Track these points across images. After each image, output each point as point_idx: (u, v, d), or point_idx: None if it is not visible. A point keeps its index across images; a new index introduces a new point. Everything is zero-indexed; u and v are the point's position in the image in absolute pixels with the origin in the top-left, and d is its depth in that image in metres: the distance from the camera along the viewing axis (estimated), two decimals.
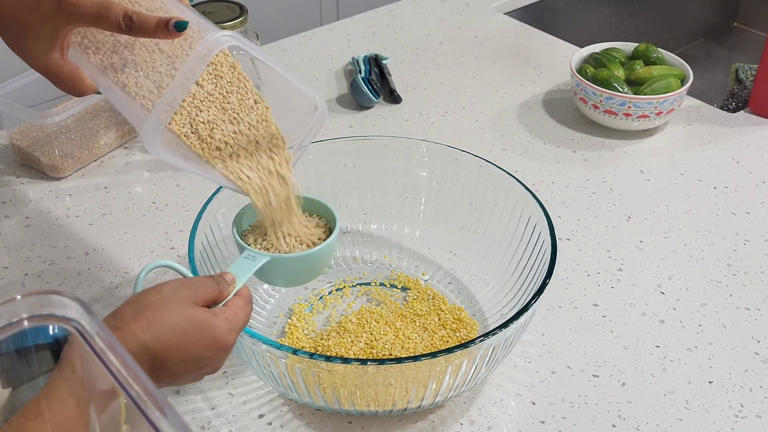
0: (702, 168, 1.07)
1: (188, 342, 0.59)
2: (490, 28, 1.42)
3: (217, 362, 0.62)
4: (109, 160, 1.08)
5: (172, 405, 0.43)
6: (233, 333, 0.62)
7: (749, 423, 0.74)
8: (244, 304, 0.65)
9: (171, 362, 0.59)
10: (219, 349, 0.61)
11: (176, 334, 0.59)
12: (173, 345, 0.59)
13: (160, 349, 0.58)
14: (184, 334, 0.59)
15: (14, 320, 0.49)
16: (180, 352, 0.59)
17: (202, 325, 0.60)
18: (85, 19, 0.63)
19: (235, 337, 0.62)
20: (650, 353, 0.81)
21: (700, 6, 1.87)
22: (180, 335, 0.59)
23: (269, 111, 0.75)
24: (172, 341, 0.59)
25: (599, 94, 1.10)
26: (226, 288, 0.65)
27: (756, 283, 0.89)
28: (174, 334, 0.59)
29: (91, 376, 0.50)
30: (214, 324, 0.61)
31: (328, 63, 1.30)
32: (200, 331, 0.60)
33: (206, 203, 0.78)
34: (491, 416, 0.74)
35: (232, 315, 0.62)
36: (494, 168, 0.84)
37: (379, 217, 0.92)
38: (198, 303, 0.61)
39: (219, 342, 0.61)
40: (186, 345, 0.59)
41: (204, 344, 0.60)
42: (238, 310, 0.63)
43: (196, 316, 0.60)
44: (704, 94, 1.35)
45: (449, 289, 0.87)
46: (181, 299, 0.61)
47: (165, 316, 0.59)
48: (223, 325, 0.61)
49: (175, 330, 0.59)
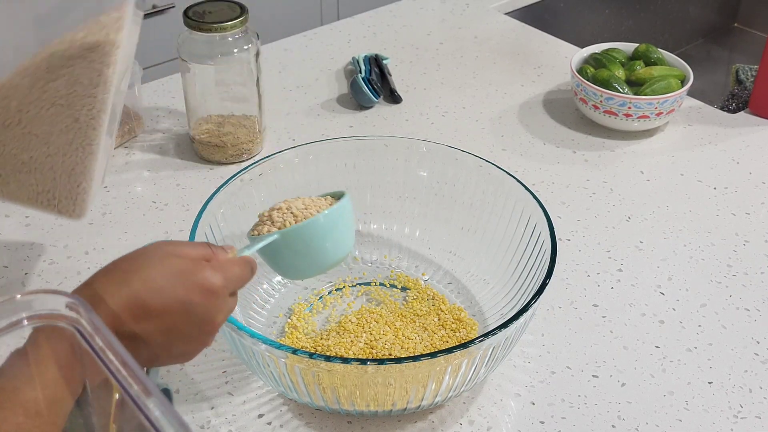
0: (702, 168, 1.07)
1: (169, 287, 0.55)
2: (490, 29, 1.42)
3: (208, 310, 0.58)
4: (109, 159, 1.08)
5: (171, 404, 0.43)
6: (218, 276, 0.58)
7: (749, 423, 0.74)
8: (239, 261, 0.61)
9: (152, 313, 0.55)
10: (206, 293, 0.57)
11: (153, 280, 0.55)
12: (151, 289, 0.55)
13: (140, 298, 0.55)
14: (161, 279, 0.55)
15: (14, 320, 0.49)
16: (160, 297, 0.55)
17: (181, 270, 0.56)
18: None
19: (222, 281, 0.58)
20: (650, 354, 0.81)
21: (700, 6, 1.87)
22: (157, 280, 0.55)
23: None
24: (149, 286, 0.55)
25: (599, 94, 1.10)
26: (220, 252, 0.61)
27: (756, 284, 0.89)
28: (150, 280, 0.55)
29: (92, 376, 0.50)
30: (196, 268, 0.57)
31: (329, 63, 1.30)
32: (181, 274, 0.56)
33: (206, 203, 0.78)
34: (491, 416, 0.74)
35: (219, 264, 0.59)
36: (494, 168, 0.84)
37: (379, 217, 0.92)
38: (180, 256, 0.58)
39: (204, 284, 0.57)
40: (166, 289, 0.55)
41: (186, 287, 0.56)
42: (227, 261, 0.60)
43: (173, 262, 0.56)
44: (704, 94, 1.34)
45: (449, 289, 0.87)
46: (160, 250, 0.57)
47: (142, 267, 0.56)
48: (206, 268, 0.57)
49: (151, 276, 0.55)
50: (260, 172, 0.84)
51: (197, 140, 1.07)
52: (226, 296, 0.59)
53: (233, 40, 1.00)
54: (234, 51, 1.01)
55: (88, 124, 0.75)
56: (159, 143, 1.11)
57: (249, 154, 1.08)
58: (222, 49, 1.00)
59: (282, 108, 1.19)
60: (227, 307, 0.60)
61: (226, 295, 0.59)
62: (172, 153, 1.09)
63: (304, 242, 0.68)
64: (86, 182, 0.76)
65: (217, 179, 1.04)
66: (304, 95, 1.22)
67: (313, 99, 1.21)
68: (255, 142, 1.08)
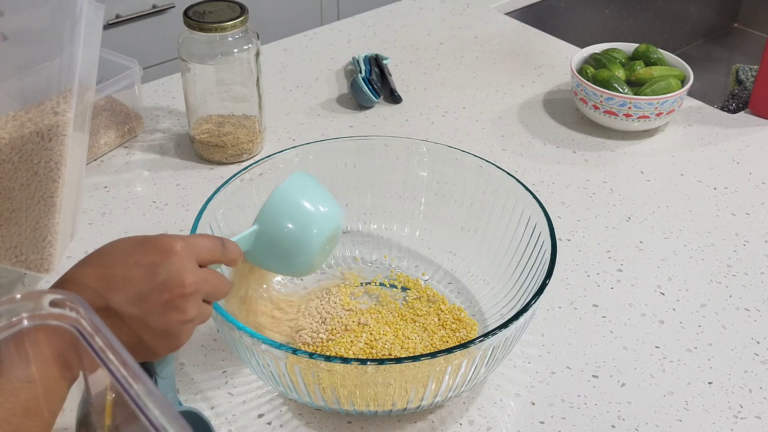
0: (702, 169, 1.07)
1: (130, 253, 0.58)
2: (490, 29, 1.42)
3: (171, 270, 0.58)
4: (109, 159, 1.08)
5: (171, 404, 0.43)
6: (176, 238, 0.60)
7: (749, 424, 0.74)
8: (206, 234, 0.63)
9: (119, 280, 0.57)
10: (164, 252, 0.58)
11: (118, 253, 0.59)
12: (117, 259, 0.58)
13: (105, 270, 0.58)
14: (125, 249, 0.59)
15: (14, 319, 0.49)
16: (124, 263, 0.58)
17: (141, 239, 0.60)
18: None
19: (181, 242, 0.60)
20: (650, 354, 0.81)
21: (700, 7, 1.87)
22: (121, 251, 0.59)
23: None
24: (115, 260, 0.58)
25: (599, 94, 1.10)
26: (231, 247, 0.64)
27: (756, 284, 0.89)
28: (116, 253, 0.59)
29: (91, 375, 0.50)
30: (154, 236, 0.60)
31: (329, 63, 1.30)
32: (140, 242, 0.59)
33: (206, 203, 0.78)
34: (491, 416, 0.74)
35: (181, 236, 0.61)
36: (494, 168, 0.84)
37: (379, 217, 0.92)
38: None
39: (161, 245, 0.59)
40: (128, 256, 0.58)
41: (145, 251, 0.58)
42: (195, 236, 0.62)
43: (136, 237, 0.60)
44: (705, 95, 1.34)
45: (449, 289, 0.87)
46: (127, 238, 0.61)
47: (107, 246, 0.60)
48: (164, 234, 0.60)
49: (116, 249, 0.59)
50: (260, 172, 0.84)
51: (197, 140, 1.07)
52: (189, 257, 0.60)
53: (233, 40, 1.00)
54: (234, 51, 1.01)
55: (48, 176, 0.77)
56: (159, 143, 1.11)
57: (249, 154, 1.08)
58: (222, 49, 1.00)
59: (282, 108, 1.19)
60: (197, 271, 0.60)
61: (189, 257, 0.60)
62: (172, 153, 1.09)
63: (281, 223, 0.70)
64: (51, 235, 0.77)
65: (217, 179, 1.04)
66: (304, 95, 1.22)
67: (313, 99, 1.21)
68: (255, 142, 1.08)
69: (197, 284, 0.60)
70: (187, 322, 0.60)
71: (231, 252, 0.65)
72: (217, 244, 0.64)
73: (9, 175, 0.77)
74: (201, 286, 0.60)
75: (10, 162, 0.76)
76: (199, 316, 0.61)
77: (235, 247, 0.66)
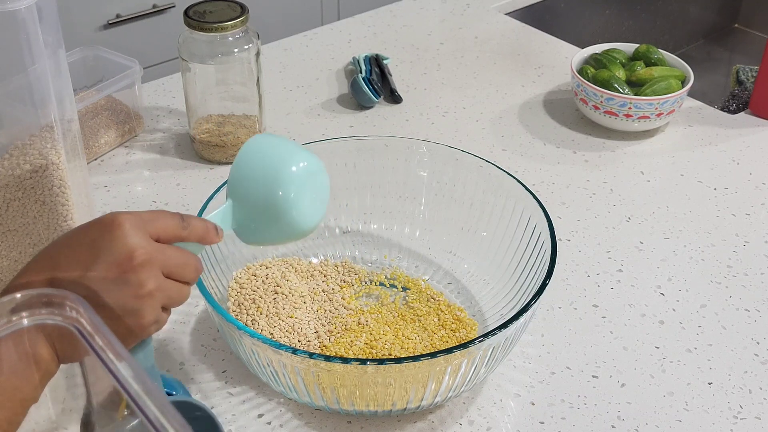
0: (702, 169, 1.07)
1: (74, 235, 0.56)
2: (491, 29, 1.42)
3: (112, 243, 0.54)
4: (109, 159, 1.08)
5: (171, 404, 0.43)
6: (122, 213, 0.56)
7: (748, 424, 0.74)
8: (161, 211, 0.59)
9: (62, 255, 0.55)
10: (107, 226, 0.55)
11: (63, 238, 0.57)
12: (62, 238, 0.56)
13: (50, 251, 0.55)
14: (70, 234, 0.57)
15: (14, 318, 0.49)
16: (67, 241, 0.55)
17: (86, 223, 0.57)
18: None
19: (126, 216, 0.56)
20: (650, 354, 0.81)
21: (701, 7, 1.87)
22: (66, 236, 0.57)
23: None
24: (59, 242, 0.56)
25: (600, 95, 1.10)
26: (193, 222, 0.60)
27: (756, 285, 0.89)
28: (62, 239, 0.57)
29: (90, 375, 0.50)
30: (101, 216, 0.57)
31: (329, 63, 1.30)
32: (85, 224, 0.57)
33: (206, 202, 0.78)
34: (490, 417, 0.74)
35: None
36: (494, 168, 0.84)
37: (379, 217, 0.92)
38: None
39: (104, 221, 0.55)
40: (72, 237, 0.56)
41: (89, 229, 0.55)
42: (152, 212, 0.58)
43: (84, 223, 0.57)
44: (705, 95, 1.34)
45: (449, 290, 0.87)
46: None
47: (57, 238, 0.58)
48: (109, 213, 0.56)
49: (62, 237, 0.57)
50: None
51: (197, 140, 1.07)
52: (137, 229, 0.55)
53: (234, 40, 1.00)
54: (234, 51, 1.01)
55: (56, 201, 0.77)
56: (159, 143, 1.11)
57: None
58: (222, 48, 1.00)
59: (282, 108, 1.19)
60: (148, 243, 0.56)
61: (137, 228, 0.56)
62: (173, 153, 1.09)
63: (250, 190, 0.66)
64: None
65: (217, 179, 1.04)
66: (305, 95, 1.22)
67: (314, 99, 1.21)
68: None
69: (148, 254, 0.55)
70: (144, 296, 0.55)
71: (195, 228, 0.60)
72: (176, 218, 0.59)
73: (20, 212, 0.78)
74: (153, 255, 0.55)
75: (16, 200, 0.77)
76: (161, 289, 0.56)
77: (200, 223, 0.61)
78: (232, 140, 1.06)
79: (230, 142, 1.05)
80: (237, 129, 1.06)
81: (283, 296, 0.81)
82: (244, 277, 0.83)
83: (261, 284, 0.82)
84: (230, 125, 1.06)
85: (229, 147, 1.06)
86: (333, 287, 0.86)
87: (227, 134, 1.06)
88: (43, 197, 0.78)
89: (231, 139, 1.05)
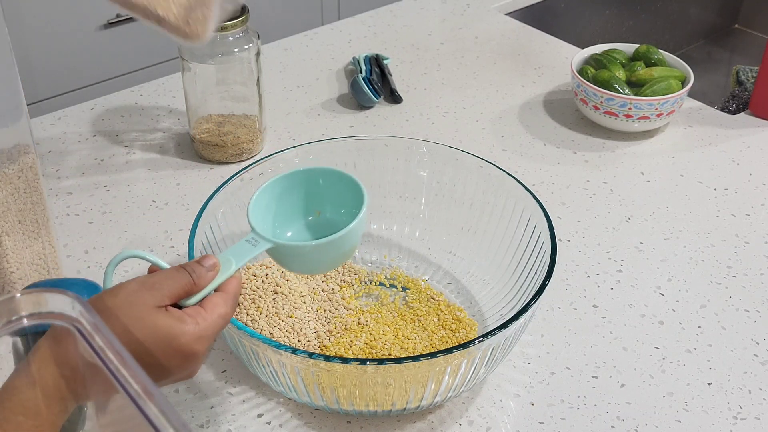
0: (702, 170, 1.07)
1: (147, 351, 0.53)
2: (491, 29, 1.42)
3: (185, 370, 0.56)
4: (109, 158, 1.08)
5: (171, 404, 0.43)
6: (202, 341, 0.55)
7: (748, 425, 0.74)
8: (224, 302, 0.58)
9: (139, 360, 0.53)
10: (184, 359, 0.55)
11: (132, 344, 0.53)
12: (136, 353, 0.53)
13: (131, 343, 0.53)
14: (141, 345, 0.53)
15: (14, 318, 0.49)
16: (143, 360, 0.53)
17: (163, 333, 0.54)
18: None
19: (206, 345, 0.56)
20: (649, 354, 0.81)
21: (701, 8, 1.87)
22: (136, 345, 0.53)
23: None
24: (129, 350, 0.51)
25: (600, 95, 1.10)
26: (202, 277, 0.58)
27: (756, 285, 0.89)
28: (130, 344, 0.53)
29: (91, 375, 0.50)
30: (178, 331, 0.54)
31: (329, 63, 1.30)
32: (161, 338, 0.54)
33: (206, 202, 0.78)
34: (490, 417, 0.74)
35: (204, 318, 0.56)
36: (494, 168, 0.84)
37: (379, 217, 0.92)
38: (162, 303, 0.55)
39: (184, 351, 0.54)
40: (145, 355, 0.53)
41: (166, 353, 0.54)
42: (213, 309, 0.57)
43: (155, 323, 0.54)
44: (705, 95, 1.35)
45: (449, 290, 0.87)
46: (140, 303, 0.54)
47: (119, 324, 0.53)
48: (189, 331, 0.55)
49: (131, 340, 0.53)
50: (260, 171, 0.84)
51: (197, 140, 1.07)
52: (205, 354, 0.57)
53: (234, 40, 1.00)
54: (234, 50, 1.01)
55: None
56: (159, 142, 1.11)
57: (249, 153, 1.08)
58: (223, 48, 1.00)
59: (282, 108, 1.19)
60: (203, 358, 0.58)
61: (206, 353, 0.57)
62: (173, 152, 1.09)
63: (303, 256, 0.67)
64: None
65: (217, 179, 1.04)
66: (305, 95, 1.22)
67: (314, 99, 1.21)
68: (255, 141, 1.08)
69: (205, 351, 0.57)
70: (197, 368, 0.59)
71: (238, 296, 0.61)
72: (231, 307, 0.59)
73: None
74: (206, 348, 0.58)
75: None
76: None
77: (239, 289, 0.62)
78: (232, 140, 1.06)
79: (230, 141, 1.05)
80: (237, 129, 1.06)
81: (282, 296, 0.81)
82: (244, 277, 0.83)
83: (261, 284, 0.82)
84: (230, 125, 1.06)
85: (228, 147, 1.06)
86: (333, 287, 0.86)
87: (227, 134, 1.06)
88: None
89: (231, 139, 1.05)
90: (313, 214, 0.74)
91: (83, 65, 1.54)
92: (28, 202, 0.79)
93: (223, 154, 1.06)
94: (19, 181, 0.78)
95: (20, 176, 0.78)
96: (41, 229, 0.82)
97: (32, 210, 0.80)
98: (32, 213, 0.80)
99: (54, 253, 0.85)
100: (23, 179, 0.78)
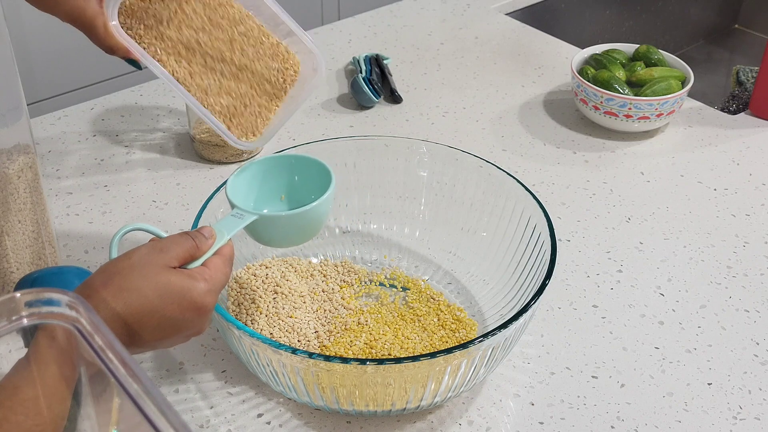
0: (702, 170, 1.07)
1: (163, 306, 0.58)
2: (491, 29, 1.42)
3: (198, 324, 0.61)
4: (109, 158, 1.08)
5: (170, 404, 0.43)
6: (212, 294, 0.61)
7: (748, 425, 0.74)
8: (223, 263, 0.64)
9: (147, 328, 0.58)
10: (197, 312, 0.60)
11: (149, 299, 0.58)
12: (147, 310, 0.58)
13: (133, 315, 0.57)
14: (157, 299, 0.58)
15: (14, 318, 0.49)
16: (155, 316, 0.58)
17: (177, 288, 0.59)
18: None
19: (215, 298, 0.61)
20: (649, 355, 0.81)
21: (701, 8, 1.87)
22: (153, 300, 0.58)
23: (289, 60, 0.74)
24: (145, 307, 0.58)
25: (600, 95, 1.10)
26: (203, 242, 0.64)
27: (756, 285, 0.89)
28: (147, 300, 0.58)
29: (90, 375, 0.50)
30: (190, 286, 0.60)
31: (329, 62, 1.30)
32: (175, 293, 0.59)
33: (206, 202, 0.78)
34: (490, 417, 0.74)
35: (210, 275, 0.61)
36: (494, 169, 0.84)
37: (379, 217, 0.92)
38: (172, 264, 0.61)
39: (197, 304, 0.60)
40: (161, 309, 0.58)
41: (181, 306, 0.59)
42: (216, 270, 0.62)
43: (169, 280, 0.59)
44: (705, 96, 1.35)
45: (449, 290, 0.87)
46: (153, 263, 0.59)
47: (135, 281, 0.58)
48: (200, 287, 0.60)
49: (147, 295, 0.58)
50: None
51: (197, 139, 1.07)
52: (212, 310, 0.62)
53: None
54: None
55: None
56: (159, 142, 1.11)
57: (249, 153, 1.08)
58: None
59: None
60: (212, 312, 0.63)
61: (212, 309, 0.62)
62: (173, 152, 1.09)
63: (280, 228, 0.72)
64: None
65: (217, 179, 1.04)
66: None
67: (314, 99, 1.21)
68: None
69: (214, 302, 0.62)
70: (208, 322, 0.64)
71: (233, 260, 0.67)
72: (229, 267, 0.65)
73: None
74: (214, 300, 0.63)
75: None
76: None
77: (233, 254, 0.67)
78: None
79: None
80: None
81: (282, 296, 0.81)
82: (244, 276, 0.83)
83: (261, 284, 0.82)
84: None
85: (228, 147, 1.05)
86: (333, 287, 0.86)
87: None
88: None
89: None
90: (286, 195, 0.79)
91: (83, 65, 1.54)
92: (28, 202, 0.79)
93: (223, 154, 1.06)
94: (19, 181, 0.78)
95: (20, 176, 0.78)
96: (41, 229, 0.82)
97: (32, 210, 0.80)
98: (32, 213, 0.80)
99: (54, 254, 0.85)
100: (23, 179, 0.78)
